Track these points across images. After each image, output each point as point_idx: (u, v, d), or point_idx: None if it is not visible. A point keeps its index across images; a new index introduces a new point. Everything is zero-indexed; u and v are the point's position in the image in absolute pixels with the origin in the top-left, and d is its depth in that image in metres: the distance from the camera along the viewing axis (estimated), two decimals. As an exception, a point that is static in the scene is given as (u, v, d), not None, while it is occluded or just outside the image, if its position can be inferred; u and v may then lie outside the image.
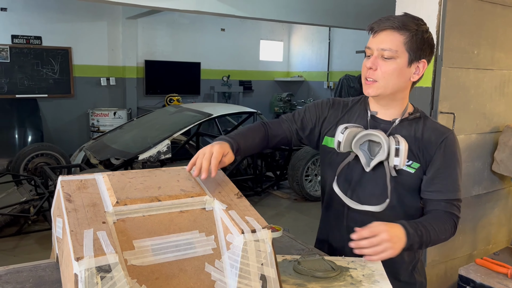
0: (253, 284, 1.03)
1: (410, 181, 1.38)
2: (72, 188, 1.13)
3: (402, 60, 1.29)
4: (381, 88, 1.32)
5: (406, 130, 1.38)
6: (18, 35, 6.91)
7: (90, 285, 0.86)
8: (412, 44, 1.28)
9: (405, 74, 1.32)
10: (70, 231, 0.95)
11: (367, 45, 1.34)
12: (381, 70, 1.30)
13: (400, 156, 1.28)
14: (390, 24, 1.29)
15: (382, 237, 1.19)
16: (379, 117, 1.40)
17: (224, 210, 1.13)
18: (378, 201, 1.35)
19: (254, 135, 1.45)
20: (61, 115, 7.39)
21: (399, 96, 1.37)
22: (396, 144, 1.28)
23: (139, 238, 1.03)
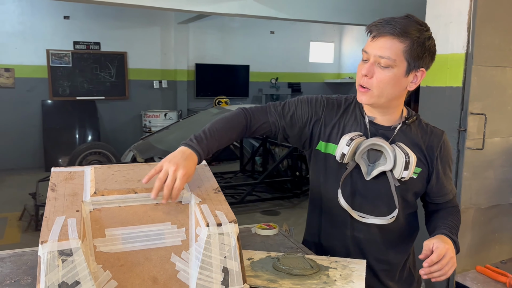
0: (214, 276, 1.05)
1: (413, 186, 1.36)
2: (59, 178, 1.21)
3: (400, 69, 1.22)
4: (375, 97, 1.26)
5: (405, 136, 1.34)
6: (79, 41, 7.40)
7: (51, 267, 0.93)
8: (412, 52, 1.21)
9: (401, 84, 1.25)
10: (44, 217, 1.03)
11: (364, 49, 1.27)
12: (376, 79, 1.24)
13: (410, 169, 1.26)
14: (390, 30, 1.20)
15: (449, 255, 1.20)
16: (378, 123, 1.35)
17: (197, 204, 1.16)
18: (383, 210, 1.34)
19: (231, 132, 1.32)
20: (116, 116, 7.81)
21: (394, 103, 1.32)
22: (406, 157, 1.25)
23: (112, 227, 1.09)
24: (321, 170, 1.42)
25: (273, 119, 1.37)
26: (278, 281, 1.17)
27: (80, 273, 0.95)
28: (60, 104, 7.38)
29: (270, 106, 1.40)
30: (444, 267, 1.19)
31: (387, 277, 1.42)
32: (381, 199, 1.33)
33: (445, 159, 1.38)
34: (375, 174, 1.29)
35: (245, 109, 1.38)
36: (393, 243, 1.40)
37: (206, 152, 1.24)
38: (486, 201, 2.54)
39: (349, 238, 1.39)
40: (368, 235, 1.36)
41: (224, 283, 1.05)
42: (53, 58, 7.24)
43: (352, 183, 1.35)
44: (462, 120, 2.44)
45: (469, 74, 2.41)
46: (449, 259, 1.19)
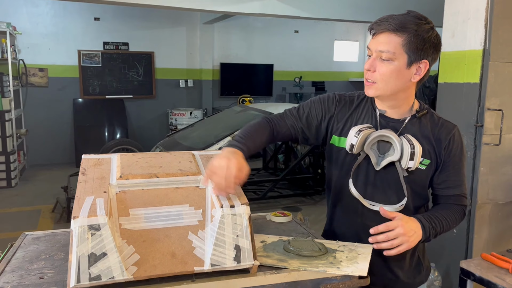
0: (227, 252, 1.15)
1: (422, 177, 1.40)
2: (89, 164, 1.34)
3: (401, 62, 1.29)
4: (380, 89, 1.33)
5: (415, 128, 1.39)
6: (108, 42, 7.66)
7: (82, 239, 1.05)
8: (411, 45, 1.27)
9: (404, 75, 1.31)
10: (76, 197, 1.16)
11: (368, 45, 1.36)
12: (379, 72, 1.31)
13: (415, 159, 1.31)
14: (387, 26, 1.29)
15: (398, 231, 1.25)
16: (388, 116, 1.41)
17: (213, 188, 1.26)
18: (393, 199, 1.40)
19: (261, 135, 1.43)
20: (143, 114, 8.04)
21: (402, 96, 1.37)
22: (411, 148, 1.30)
23: (135, 207, 1.20)
24: (335, 162, 1.50)
25: (290, 123, 1.48)
26: (287, 261, 1.26)
27: (107, 246, 1.06)
28: (90, 102, 7.66)
29: (286, 111, 1.52)
30: (390, 239, 1.25)
31: (397, 266, 1.47)
32: (391, 188, 1.39)
33: (453, 152, 1.39)
34: (384, 164, 1.35)
35: (268, 117, 1.50)
36: None
37: (247, 149, 1.33)
38: (504, 196, 2.55)
39: (360, 225, 1.45)
40: (379, 223, 1.42)
41: (236, 259, 1.15)
42: (84, 58, 7.53)
43: (364, 173, 1.41)
44: (479, 116, 2.46)
45: (486, 70, 2.43)
46: (398, 234, 1.25)
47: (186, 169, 1.32)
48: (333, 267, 1.22)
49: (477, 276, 1.41)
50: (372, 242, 1.28)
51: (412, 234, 1.27)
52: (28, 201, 5.29)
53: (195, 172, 1.31)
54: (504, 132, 2.44)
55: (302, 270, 1.21)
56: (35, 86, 7.30)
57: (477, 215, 2.51)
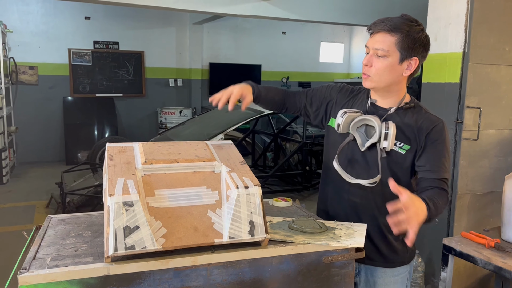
0: (242, 227, 1.31)
1: (401, 160, 1.56)
2: (114, 151, 1.48)
3: (394, 58, 1.48)
4: (375, 82, 1.53)
5: (400, 117, 1.56)
6: (99, 41, 7.73)
7: (117, 214, 1.20)
8: (403, 44, 1.46)
9: (396, 70, 1.50)
10: (108, 179, 1.30)
11: (366, 44, 1.55)
12: (375, 67, 1.50)
13: (388, 140, 1.49)
14: (382, 26, 1.48)
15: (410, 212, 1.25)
16: (378, 105, 1.60)
17: (228, 172, 1.42)
18: (371, 177, 1.56)
19: (276, 92, 1.74)
20: (133, 113, 8.12)
21: (394, 88, 1.55)
22: (386, 129, 1.49)
23: (159, 188, 1.35)
24: (329, 142, 1.71)
25: (298, 98, 1.77)
26: (293, 236, 1.43)
27: (139, 220, 1.22)
28: (80, 100, 7.71)
29: (300, 90, 1.81)
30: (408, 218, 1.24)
31: (380, 241, 1.62)
32: (372, 168, 1.58)
33: (435, 140, 1.53)
34: (368, 145, 1.55)
35: (285, 88, 1.82)
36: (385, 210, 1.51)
37: (257, 91, 1.67)
38: (481, 187, 2.77)
39: (346, 201, 1.64)
40: (363, 200, 1.60)
41: (250, 232, 1.31)
42: (74, 57, 7.58)
43: (351, 153, 1.62)
44: (459, 113, 2.67)
45: (465, 71, 2.64)
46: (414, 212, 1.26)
47: (203, 156, 1.48)
48: (334, 241, 1.39)
49: (458, 250, 1.59)
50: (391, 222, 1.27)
51: (420, 213, 1.30)
52: (22, 197, 5.35)
53: (211, 158, 1.47)
54: (482, 128, 2.65)
55: (307, 243, 1.38)
56: (25, 84, 7.32)
57: (457, 204, 2.72)
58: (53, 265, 1.19)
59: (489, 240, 1.56)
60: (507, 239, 1.63)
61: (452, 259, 1.62)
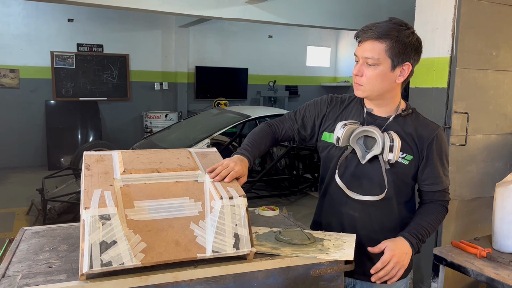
0: (227, 240, 1.25)
1: (404, 172, 1.51)
2: (92, 160, 1.41)
3: (385, 66, 1.42)
4: (367, 91, 1.46)
5: (399, 126, 1.51)
6: (82, 44, 7.59)
7: (93, 228, 1.13)
8: (394, 50, 1.40)
9: (389, 78, 1.44)
10: (84, 190, 1.23)
11: (355, 52, 1.49)
12: (366, 76, 1.44)
13: (394, 152, 1.42)
14: (371, 34, 1.41)
15: (393, 261, 1.39)
16: (375, 114, 1.54)
17: (211, 182, 1.36)
18: (376, 191, 1.50)
19: (265, 141, 1.61)
20: (118, 117, 8.00)
21: (388, 96, 1.50)
22: (391, 141, 1.42)
23: (139, 200, 1.28)
24: (325, 157, 1.63)
25: (288, 125, 1.66)
26: (280, 248, 1.37)
27: (116, 234, 1.14)
28: (63, 104, 7.56)
29: (285, 115, 1.69)
30: (389, 272, 1.39)
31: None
32: (375, 181, 1.51)
33: (436, 151, 1.50)
34: (369, 157, 1.48)
35: (268, 122, 1.69)
36: (384, 225, 1.55)
37: (253, 158, 1.53)
38: (469, 193, 2.75)
39: (344, 215, 1.57)
40: (361, 213, 1.54)
41: (235, 246, 1.25)
42: (57, 60, 7.43)
43: (350, 166, 1.54)
44: (447, 118, 2.65)
45: (453, 76, 2.62)
46: (394, 264, 1.38)
47: (185, 165, 1.41)
48: (322, 253, 1.34)
49: (449, 261, 1.55)
50: (374, 280, 1.41)
51: (404, 257, 1.41)
52: (1, 204, 5.19)
53: (194, 167, 1.41)
54: (470, 133, 2.63)
55: (295, 256, 1.32)
56: (6, 87, 7.15)
57: (445, 210, 2.70)
58: (23, 284, 1.11)
59: (481, 250, 1.52)
60: (498, 248, 1.59)
61: (443, 269, 1.58)
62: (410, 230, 1.46)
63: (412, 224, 1.49)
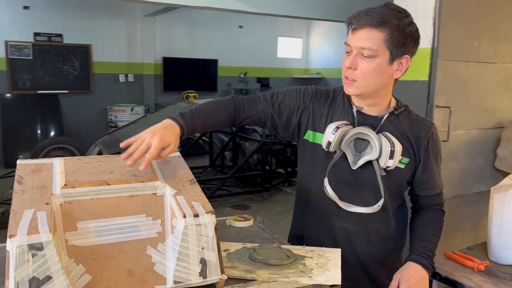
0: (191, 267, 1.04)
1: (400, 176, 1.35)
2: (26, 171, 1.16)
3: (383, 59, 1.23)
4: (362, 88, 1.27)
5: (393, 126, 1.34)
6: (40, 33, 7.13)
7: (21, 261, 0.89)
8: (393, 40, 1.21)
9: (386, 72, 1.25)
10: (11, 211, 0.99)
11: (346, 41, 1.27)
12: (360, 70, 1.24)
13: (395, 158, 1.25)
14: (368, 20, 1.21)
15: None
16: (365, 113, 1.35)
17: (173, 195, 1.14)
18: (370, 200, 1.33)
19: (219, 114, 1.33)
20: (80, 111, 7.59)
21: (382, 93, 1.31)
22: (391, 146, 1.24)
23: (84, 220, 1.05)
24: (308, 160, 1.42)
25: (261, 107, 1.39)
26: (255, 271, 1.17)
27: (51, 268, 0.91)
28: (20, 98, 7.09)
29: (260, 95, 1.42)
30: None
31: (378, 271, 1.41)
32: (367, 188, 1.34)
33: (432, 151, 1.37)
34: (362, 163, 1.29)
35: (236, 96, 1.40)
36: (381, 235, 1.39)
37: (190, 127, 1.25)
38: (450, 191, 2.63)
39: (336, 229, 1.39)
40: (356, 226, 1.36)
41: (202, 274, 1.04)
42: (12, 50, 6.95)
43: (339, 173, 1.34)
44: (428, 113, 2.51)
45: (434, 68, 2.48)
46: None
47: (141, 175, 1.19)
48: (304, 276, 1.15)
49: (443, 276, 1.40)
50: None
51: (422, 283, 1.26)
52: (-50, 207, 4.77)
53: (151, 177, 1.18)
54: (452, 128, 2.51)
55: (272, 281, 1.12)
56: (-44, 79, 6.64)
57: (426, 210, 2.57)
58: None
59: (478, 263, 1.37)
60: (495, 260, 1.45)
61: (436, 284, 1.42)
62: (417, 251, 1.31)
63: (417, 242, 1.33)
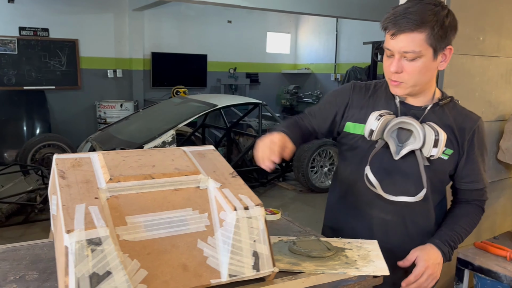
0: (245, 261, 1.03)
1: (443, 168, 1.34)
2: (66, 165, 1.13)
3: (427, 57, 1.23)
4: (409, 88, 1.28)
5: (437, 116, 1.33)
6: (25, 27, 6.95)
7: (80, 257, 0.87)
8: (435, 37, 1.21)
9: (432, 68, 1.27)
10: (62, 206, 0.96)
11: (386, 46, 1.27)
12: (407, 72, 1.25)
13: (439, 147, 1.24)
14: (407, 25, 1.20)
15: (427, 273, 1.26)
16: (409, 103, 1.35)
17: (218, 188, 1.12)
18: (411, 190, 1.32)
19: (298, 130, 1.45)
20: (68, 107, 7.44)
21: (427, 86, 1.32)
22: (436, 135, 1.24)
23: (132, 215, 1.03)
24: (348, 151, 1.43)
25: (307, 121, 1.49)
26: (300, 264, 1.16)
27: (110, 263, 0.89)
28: (5, 94, 6.91)
29: (305, 111, 1.54)
30: (422, 285, 1.26)
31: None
32: (409, 179, 1.33)
33: (477, 145, 1.34)
34: (405, 153, 1.29)
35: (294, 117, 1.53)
36: (420, 228, 1.38)
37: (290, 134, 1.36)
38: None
39: (374, 219, 1.39)
40: (394, 217, 1.36)
41: (255, 267, 1.03)
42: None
43: (380, 162, 1.35)
44: (436, 106, 2.54)
45: (443, 62, 2.50)
46: (428, 277, 1.26)
47: (183, 168, 1.17)
48: (351, 268, 1.15)
49: (476, 265, 1.42)
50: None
51: (437, 268, 1.28)
52: None
53: (194, 171, 1.17)
54: (460, 121, 2.54)
55: (320, 273, 1.12)
56: None
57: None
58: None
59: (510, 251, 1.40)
60: (525, 248, 1.48)
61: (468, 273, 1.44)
62: (442, 237, 1.31)
63: (444, 229, 1.34)
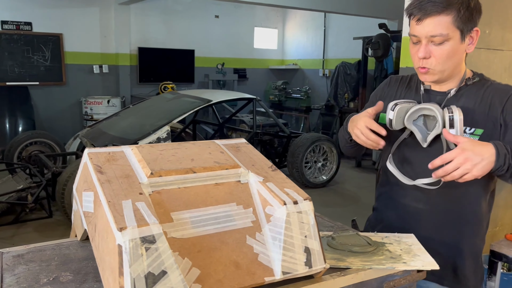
0: (297, 257, 0.99)
1: None
2: (101, 160, 1.07)
3: (455, 40, 1.22)
4: (438, 73, 1.26)
5: (465, 98, 1.30)
6: (7, 21, 6.72)
7: (135, 256, 0.81)
8: (462, 19, 1.20)
9: (460, 51, 1.25)
10: (108, 202, 0.90)
11: (412, 33, 1.25)
12: (435, 57, 1.23)
13: (456, 126, 1.19)
14: (433, 8, 1.19)
15: (457, 161, 1.09)
16: (434, 89, 1.34)
17: (261, 183, 1.08)
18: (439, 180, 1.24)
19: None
20: (53, 103, 7.24)
21: (456, 70, 1.30)
22: (450, 113, 1.20)
23: (176, 210, 0.98)
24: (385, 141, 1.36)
25: None
26: (345, 259, 1.13)
27: (165, 262, 0.84)
28: (-13, 90, 6.68)
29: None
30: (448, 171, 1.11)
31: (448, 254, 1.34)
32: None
33: None
34: (430, 139, 1.27)
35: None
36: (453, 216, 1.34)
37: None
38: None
39: (404, 207, 1.38)
40: (428, 205, 1.34)
41: (307, 263, 0.99)
42: (-22, 39, 6.52)
43: (409, 151, 1.35)
44: (444, 100, 2.54)
45: (451, 55, 2.50)
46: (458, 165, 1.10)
47: (223, 162, 1.12)
48: (398, 263, 1.12)
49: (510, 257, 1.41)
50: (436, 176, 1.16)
51: (478, 161, 1.09)
52: None
53: (234, 164, 1.12)
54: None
55: (368, 268, 1.09)
56: None
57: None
58: None
59: (544, 242, 1.39)
60: (555, 239, 1.48)
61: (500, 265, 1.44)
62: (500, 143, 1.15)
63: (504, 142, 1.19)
